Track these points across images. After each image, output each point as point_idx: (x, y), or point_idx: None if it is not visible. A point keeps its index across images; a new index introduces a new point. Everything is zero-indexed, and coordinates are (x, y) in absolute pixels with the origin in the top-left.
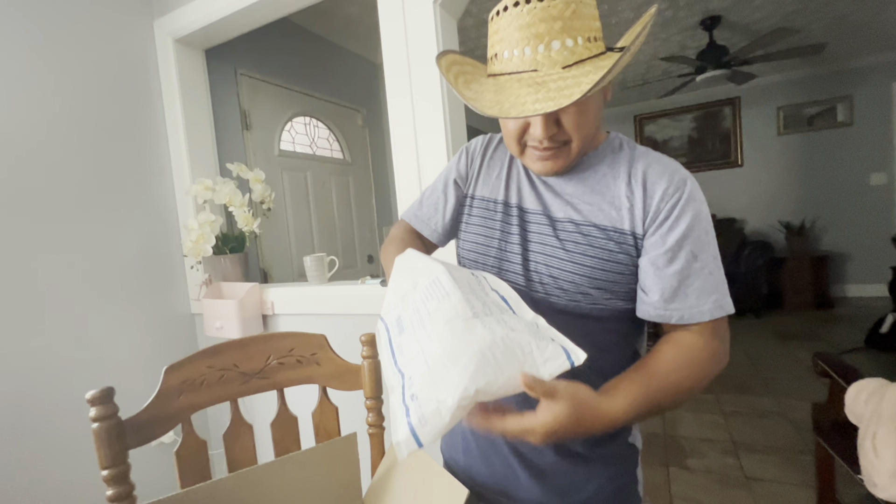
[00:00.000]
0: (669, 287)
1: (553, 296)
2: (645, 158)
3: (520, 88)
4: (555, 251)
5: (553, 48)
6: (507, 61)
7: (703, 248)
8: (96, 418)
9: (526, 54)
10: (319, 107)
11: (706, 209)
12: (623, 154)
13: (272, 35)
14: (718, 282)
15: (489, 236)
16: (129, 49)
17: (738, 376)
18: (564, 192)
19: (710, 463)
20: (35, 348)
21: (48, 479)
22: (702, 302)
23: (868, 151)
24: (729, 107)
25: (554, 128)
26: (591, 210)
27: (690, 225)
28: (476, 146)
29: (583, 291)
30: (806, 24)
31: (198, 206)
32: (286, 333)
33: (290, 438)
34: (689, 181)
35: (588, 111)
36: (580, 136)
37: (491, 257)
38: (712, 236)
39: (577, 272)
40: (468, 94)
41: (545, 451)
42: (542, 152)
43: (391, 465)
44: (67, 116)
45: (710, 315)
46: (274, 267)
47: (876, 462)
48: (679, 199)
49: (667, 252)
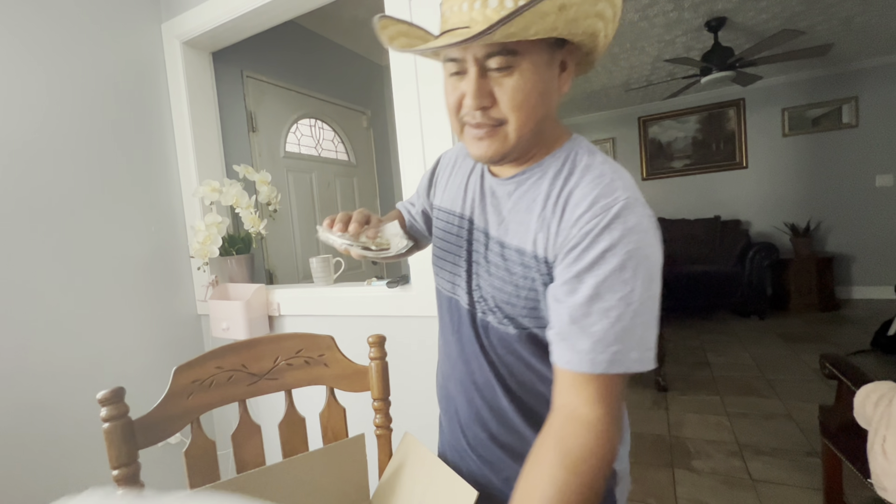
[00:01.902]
0: (560, 323)
1: (488, 316)
2: (581, 175)
3: (443, 38)
4: (484, 271)
5: (490, 5)
6: (451, 17)
7: (614, 287)
8: (107, 418)
9: (463, 10)
10: (325, 109)
11: (633, 243)
12: (566, 167)
13: (278, 37)
14: (627, 332)
15: (446, 249)
16: (138, 52)
17: (743, 378)
18: (504, 207)
19: (715, 465)
20: (43, 349)
21: (59, 479)
22: (597, 350)
23: (874, 153)
24: (734, 108)
25: (487, 100)
26: (518, 231)
27: (600, 257)
28: (448, 158)
29: (508, 315)
30: (811, 26)
31: (204, 207)
32: (294, 334)
33: (298, 439)
34: (618, 207)
35: (529, 89)
36: (517, 116)
37: (447, 271)
38: (635, 276)
39: (497, 296)
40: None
41: (504, 458)
42: (475, 129)
43: (399, 467)
44: (76, 118)
45: (602, 367)
46: (279, 268)
47: (886, 466)
48: (595, 225)
49: (565, 283)
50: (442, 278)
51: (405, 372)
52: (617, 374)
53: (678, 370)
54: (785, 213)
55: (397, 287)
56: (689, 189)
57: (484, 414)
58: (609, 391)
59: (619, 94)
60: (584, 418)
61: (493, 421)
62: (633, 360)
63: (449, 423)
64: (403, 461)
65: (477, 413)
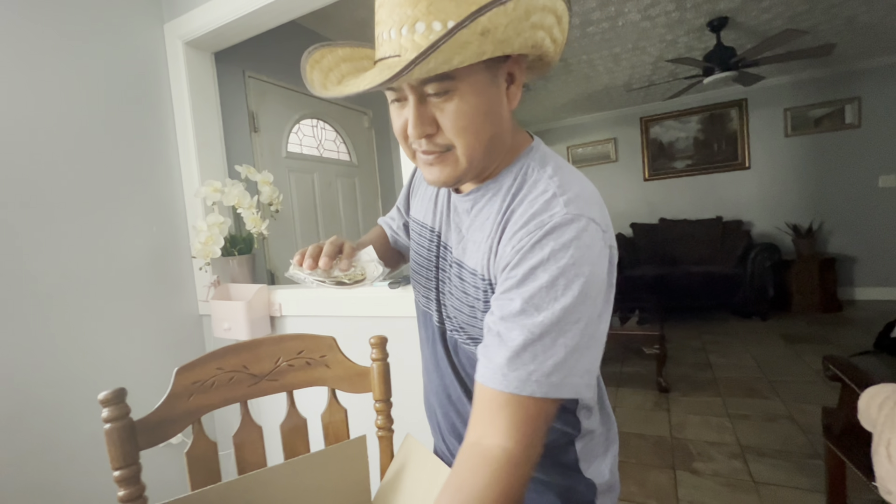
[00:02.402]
0: (487, 337)
1: (456, 334)
2: (527, 191)
3: (373, 73)
4: (449, 290)
5: (417, 31)
6: (382, 45)
7: (541, 304)
8: (109, 419)
9: (392, 37)
10: (326, 109)
11: (565, 259)
12: (517, 182)
13: (280, 38)
14: (546, 353)
15: (420, 263)
16: (140, 52)
17: (745, 379)
18: (463, 225)
19: (717, 467)
20: (44, 349)
21: (60, 480)
22: (512, 367)
23: (877, 153)
24: (736, 108)
25: (430, 127)
26: (473, 249)
27: (528, 274)
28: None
29: (472, 336)
30: (814, 26)
31: (206, 207)
32: (295, 335)
33: (300, 440)
34: (552, 224)
35: (471, 112)
36: (463, 141)
37: (421, 285)
38: (566, 294)
39: (461, 318)
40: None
41: None
42: (424, 156)
43: (400, 468)
44: (78, 118)
45: (514, 387)
46: (281, 268)
47: (891, 469)
48: (526, 243)
49: (497, 299)
50: (417, 292)
51: (407, 373)
52: (532, 398)
53: (680, 371)
54: (787, 214)
55: (399, 288)
56: (690, 189)
57: (459, 427)
58: (524, 419)
59: (621, 94)
60: (489, 451)
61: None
62: (551, 384)
63: (434, 432)
64: (405, 463)
65: (452, 425)
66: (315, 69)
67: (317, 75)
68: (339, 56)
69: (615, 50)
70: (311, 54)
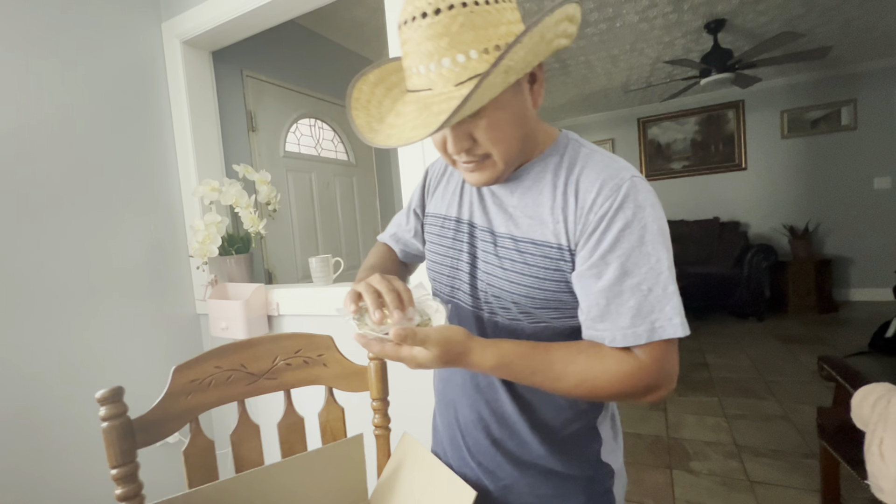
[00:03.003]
0: (596, 305)
1: (497, 315)
2: (584, 162)
3: (412, 111)
4: (494, 269)
5: (443, 65)
6: (413, 77)
7: (639, 262)
8: (106, 417)
9: (421, 72)
10: (324, 108)
11: (647, 217)
12: (566, 158)
13: (278, 37)
14: (660, 301)
15: (442, 254)
16: (137, 51)
17: (741, 380)
18: (509, 204)
19: (713, 466)
20: (41, 348)
21: (57, 478)
22: (636, 323)
23: (872, 155)
24: (733, 110)
25: (467, 142)
26: (531, 224)
27: (619, 236)
28: (437, 167)
29: (524, 311)
30: (811, 28)
31: (204, 206)
32: (293, 334)
33: (297, 439)
34: (626, 186)
35: (502, 124)
36: (499, 149)
37: (444, 275)
38: (655, 248)
39: (515, 291)
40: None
41: (504, 464)
42: (465, 165)
43: (397, 466)
44: (75, 117)
45: (645, 338)
46: (278, 268)
47: (883, 467)
48: (609, 207)
49: (592, 267)
50: (439, 282)
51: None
52: (659, 341)
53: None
54: (783, 215)
55: None
56: (687, 190)
57: (486, 418)
58: (657, 355)
59: (619, 95)
60: (623, 365)
61: (495, 425)
62: (675, 325)
63: (447, 428)
64: (402, 461)
65: (479, 417)
66: (358, 110)
67: (361, 117)
68: (371, 82)
69: (613, 51)
70: (350, 94)
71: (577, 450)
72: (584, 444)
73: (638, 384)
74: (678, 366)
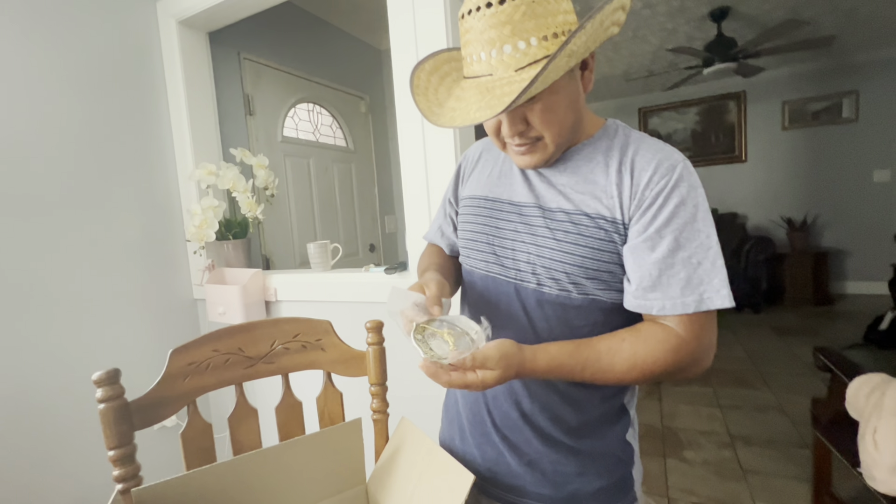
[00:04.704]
0: (649, 276)
1: (545, 286)
2: (637, 144)
3: (473, 95)
4: (546, 241)
5: (505, 52)
6: (473, 64)
7: (691, 237)
8: (103, 399)
9: (482, 59)
10: (323, 93)
11: (699, 197)
12: (617, 141)
13: (276, 18)
14: (709, 274)
15: (478, 231)
16: (132, 31)
17: (736, 370)
18: (558, 182)
19: (707, 455)
20: (38, 333)
21: (55, 461)
22: (686, 294)
23: (872, 148)
24: (734, 101)
25: (521, 125)
26: (583, 199)
27: (674, 212)
28: (470, 155)
29: (574, 281)
30: (815, 17)
31: (201, 191)
32: (292, 319)
33: (295, 423)
34: (680, 167)
35: (556, 107)
36: (552, 132)
37: (479, 251)
38: (706, 225)
39: (568, 261)
40: (423, 105)
41: (532, 440)
42: (518, 147)
43: (395, 451)
44: (69, 100)
45: (693, 308)
46: (276, 253)
47: (876, 456)
48: (665, 185)
49: (647, 240)
50: (473, 258)
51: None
52: (706, 311)
53: None
54: (782, 207)
55: (395, 273)
56: None
57: (518, 391)
58: (700, 327)
59: (620, 83)
60: (667, 340)
61: (527, 399)
62: (722, 296)
63: (471, 403)
64: (400, 445)
65: (510, 389)
66: (419, 96)
67: (422, 102)
68: (427, 70)
69: (614, 38)
70: (411, 81)
71: (606, 426)
72: (613, 420)
73: (684, 358)
74: (717, 340)
